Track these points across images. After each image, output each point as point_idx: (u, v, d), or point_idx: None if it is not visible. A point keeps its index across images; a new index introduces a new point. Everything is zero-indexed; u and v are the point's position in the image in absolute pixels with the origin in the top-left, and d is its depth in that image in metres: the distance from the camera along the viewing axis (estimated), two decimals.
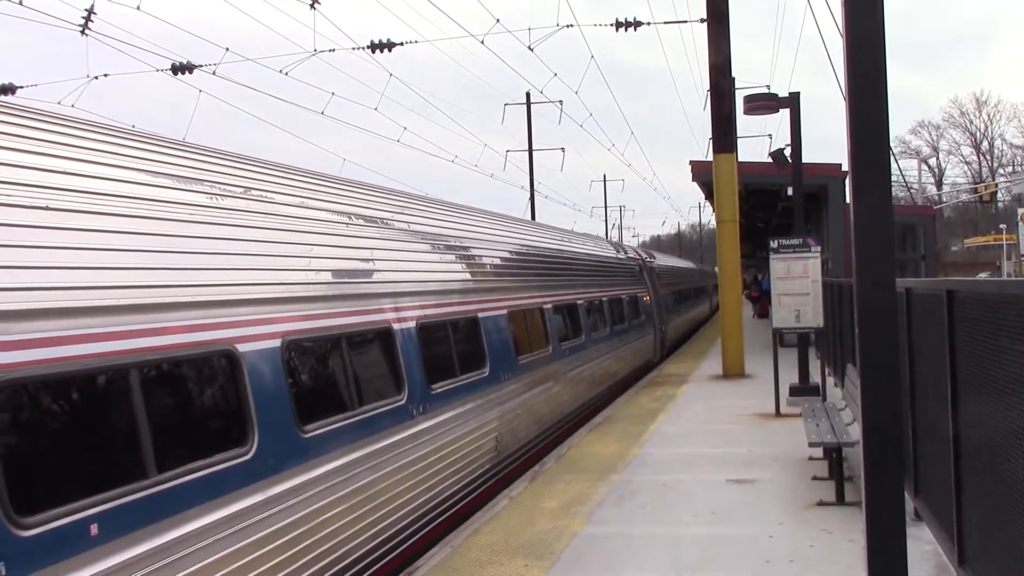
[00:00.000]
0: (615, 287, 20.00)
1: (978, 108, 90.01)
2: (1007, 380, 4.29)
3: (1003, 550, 4.49)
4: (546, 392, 12.90)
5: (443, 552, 7.60)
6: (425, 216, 10.23)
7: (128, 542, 4.45)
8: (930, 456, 6.59)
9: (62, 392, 4.39)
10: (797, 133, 16.38)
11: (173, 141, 6.46)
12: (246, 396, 5.64)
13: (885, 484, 4.18)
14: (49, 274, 4.41)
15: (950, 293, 5.49)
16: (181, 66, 20.15)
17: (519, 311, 12.21)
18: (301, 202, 7.30)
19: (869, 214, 4.13)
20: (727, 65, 19.86)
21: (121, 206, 5.12)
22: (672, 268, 34.94)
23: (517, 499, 9.33)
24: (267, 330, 6.03)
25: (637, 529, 8.04)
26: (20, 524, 3.90)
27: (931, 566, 6.51)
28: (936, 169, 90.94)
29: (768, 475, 9.87)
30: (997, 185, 70.67)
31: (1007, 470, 4.34)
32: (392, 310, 8.10)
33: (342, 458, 6.66)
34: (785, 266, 14.03)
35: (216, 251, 5.80)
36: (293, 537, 5.90)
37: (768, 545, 7.39)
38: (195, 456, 5.09)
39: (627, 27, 21.53)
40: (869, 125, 4.14)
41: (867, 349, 4.16)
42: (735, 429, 12.95)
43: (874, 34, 4.13)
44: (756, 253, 45.77)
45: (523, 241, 14.22)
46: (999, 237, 62.89)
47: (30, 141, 4.82)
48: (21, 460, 4.08)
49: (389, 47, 20.91)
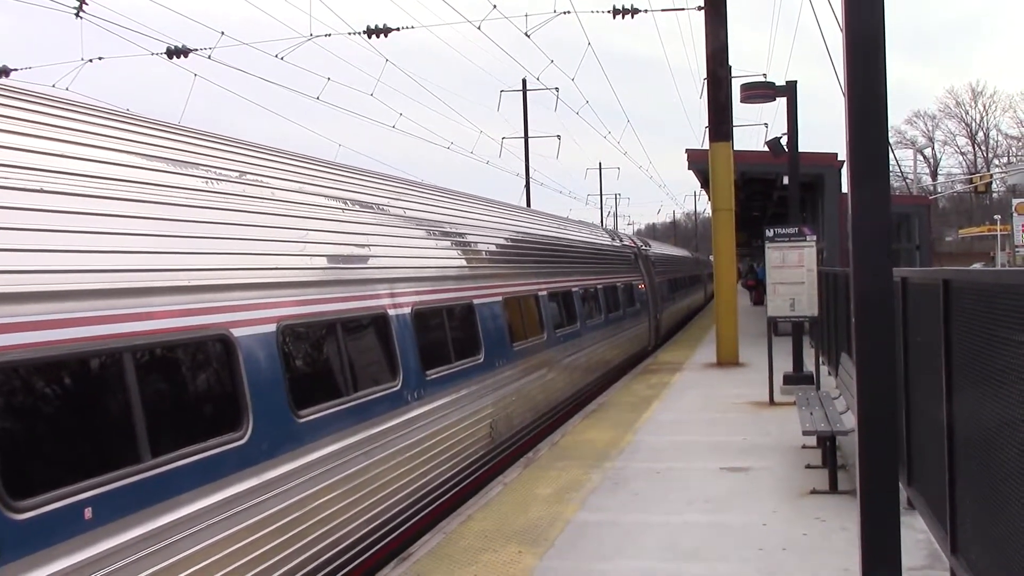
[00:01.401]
0: (610, 275, 20.01)
1: (974, 99, 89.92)
2: (1002, 370, 4.29)
3: (995, 538, 4.51)
4: (541, 379, 12.91)
5: (437, 538, 7.62)
6: (420, 202, 10.21)
7: (122, 526, 4.45)
8: (924, 445, 6.61)
9: (55, 376, 4.37)
10: (794, 122, 16.35)
11: (168, 125, 6.42)
12: (241, 381, 5.63)
13: (879, 473, 4.19)
14: (42, 257, 4.38)
15: (946, 283, 5.48)
16: (176, 50, 20.05)
17: (514, 298, 12.21)
18: (297, 187, 7.27)
19: (867, 203, 4.13)
20: (724, 53, 19.81)
21: (116, 189, 5.09)
22: (667, 256, 34.95)
23: (511, 485, 9.35)
24: (262, 315, 6.01)
25: (630, 516, 8.06)
26: (14, 508, 3.90)
27: (924, 554, 6.54)
28: (931, 159, 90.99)
29: (762, 463, 9.89)
30: (992, 176, 70.72)
31: (1000, 460, 4.35)
32: (387, 296, 8.09)
33: (337, 443, 6.67)
34: (781, 255, 14.04)
35: (211, 235, 5.77)
36: (287, 522, 5.90)
37: (761, 533, 7.42)
38: (189, 441, 5.09)
39: (624, 14, 21.48)
40: (867, 115, 4.13)
41: (863, 338, 4.17)
42: (729, 417, 12.98)
43: (874, 24, 4.11)
44: (752, 242, 45.89)
45: (518, 228, 14.20)
46: (993, 228, 62.93)
47: (25, 123, 4.79)
48: (15, 444, 4.07)
49: (385, 32, 20.82)
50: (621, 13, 21.45)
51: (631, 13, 21.44)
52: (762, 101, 16.97)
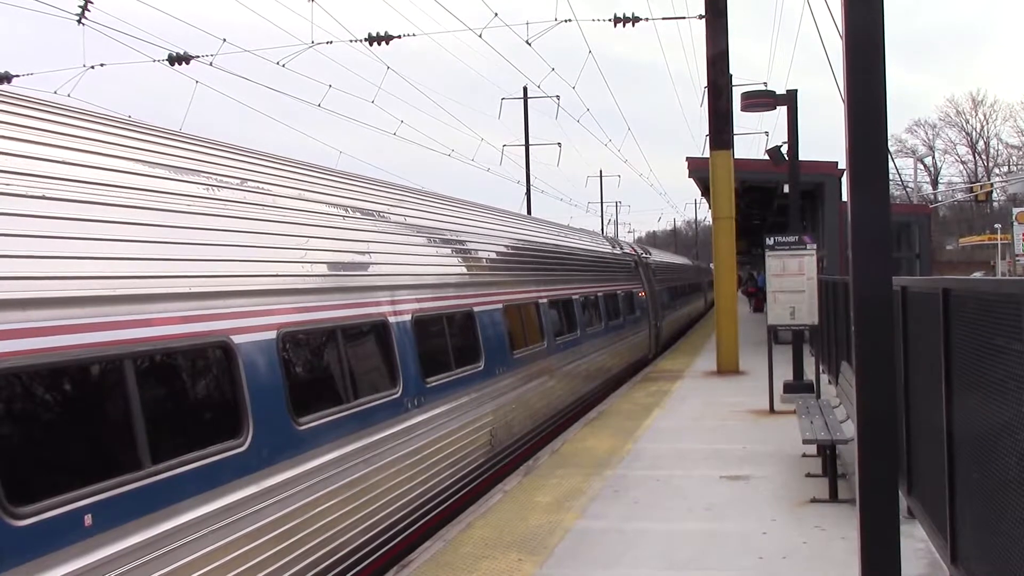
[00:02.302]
0: (610, 282, 20.01)
1: (974, 107, 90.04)
2: (1001, 379, 4.29)
3: (996, 548, 4.50)
4: (541, 387, 12.90)
5: (437, 546, 7.61)
6: (421, 210, 10.22)
7: (122, 533, 4.45)
8: (924, 454, 6.61)
9: (56, 383, 4.37)
10: (794, 130, 16.37)
11: (170, 131, 6.44)
12: (241, 388, 5.63)
13: (879, 482, 4.19)
14: (43, 263, 4.39)
15: (946, 291, 5.49)
16: (178, 56, 20.11)
17: (514, 305, 12.22)
18: (297, 194, 7.28)
19: (867, 212, 4.14)
20: (724, 61, 19.85)
21: (117, 196, 5.10)
22: (668, 264, 34.97)
23: (511, 493, 9.34)
24: (262, 322, 6.02)
25: (630, 524, 8.05)
26: (14, 514, 3.90)
27: (924, 564, 6.53)
28: (932, 168, 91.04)
29: (762, 472, 9.88)
30: (992, 185, 70.73)
31: (1000, 469, 4.35)
32: (388, 303, 8.10)
33: (336, 451, 6.66)
34: (781, 263, 14.05)
35: (212, 242, 5.78)
36: (287, 529, 5.90)
37: (761, 542, 7.40)
38: (189, 448, 5.08)
39: (625, 23, 21.55)
40: (867, 123, 4.14)
41: (863, 347, 4.17)
42: (729, 425, 12.97)
43: (873, 32, 4.13)
44: (752, 250, 45.84)
45: (519, 236, 14.21)
46: (994, 237, 62.98)
47: (26, 130, 4.80)
48: (15, 450, 4.07)
49: (387, 40, 20.87)
50: (622, 22, 21.51)
51: (632, 22, 21.51)
52: (762, 110, 16.98)
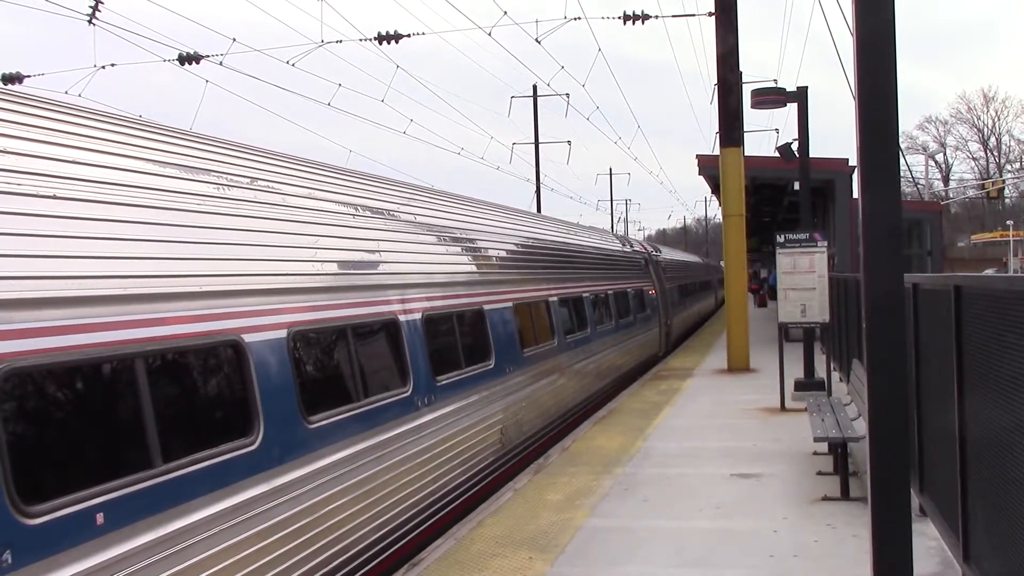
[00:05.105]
0: (620, 280, 19.98)
1: (986, 104, 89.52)
2: (1013, 376, 4.27)
3: (1008, 546, 4.48)
4: (551, 385, 12.90)
5: (448, 544, 7.62)
6: (431, 208, 10.22)
7: (133, 531, 4.47)
8: (935, 452, 6.58)
9: (68, 381, 4.39)
10: (804, 128, 16.32)
11: (180, 131, 6.46)
12: (252, 386, 5.65)
13: (891, 480, 4.17)
14: (55, 263, 4.41)
15: (958, 289, 5.46)
16: (188, 56, 20.15)
17: (524, 304, 12.21)
18: (308, 193, 7.30)
19: (878, 209, 4.12)
20: (734, 58, 19.79)
21: (128, 196, 5.12)
22: (678, 262, 34.89)
23: (521, 492, 9.34)
24: (273, 320, 6.03)
25: (641, 522, 8.04)
26: (26, 513, 3.92)
27: (936, 562, 6.50)
28: (943, 165, 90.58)
29: (773, 470, 9.86)
30: (1004, 181, 70.35)
31: (1012, 466, 4.33)
32: (398, 302, 8.10)
33: (347, 449, 6.67)
34: (792, 261, 14.01)
35: (223, 241, 5.80)
36: (297, 528, 5.91)
37: (772, 540, 7.39)
38: (201, 446, 5.10)
39: (635, 20, 21.47)
40: (878, 120, 4.12)
41: (874, 344, 4.16)
42: (740, 423, 12.94)
43: (884, 29, 4.10)
44: (762, 247, 45.72)
45: (529, 234, 14.20)
46: (1006, 233, 62.70)
47: (38, 130, 4.82)
48: (27, 449, 4.09)
49: (396, 39, 20.88)
50: (632, 19, 21.44)
51: (642, 19, 21.43)
52: (773, 107, 16.92)
